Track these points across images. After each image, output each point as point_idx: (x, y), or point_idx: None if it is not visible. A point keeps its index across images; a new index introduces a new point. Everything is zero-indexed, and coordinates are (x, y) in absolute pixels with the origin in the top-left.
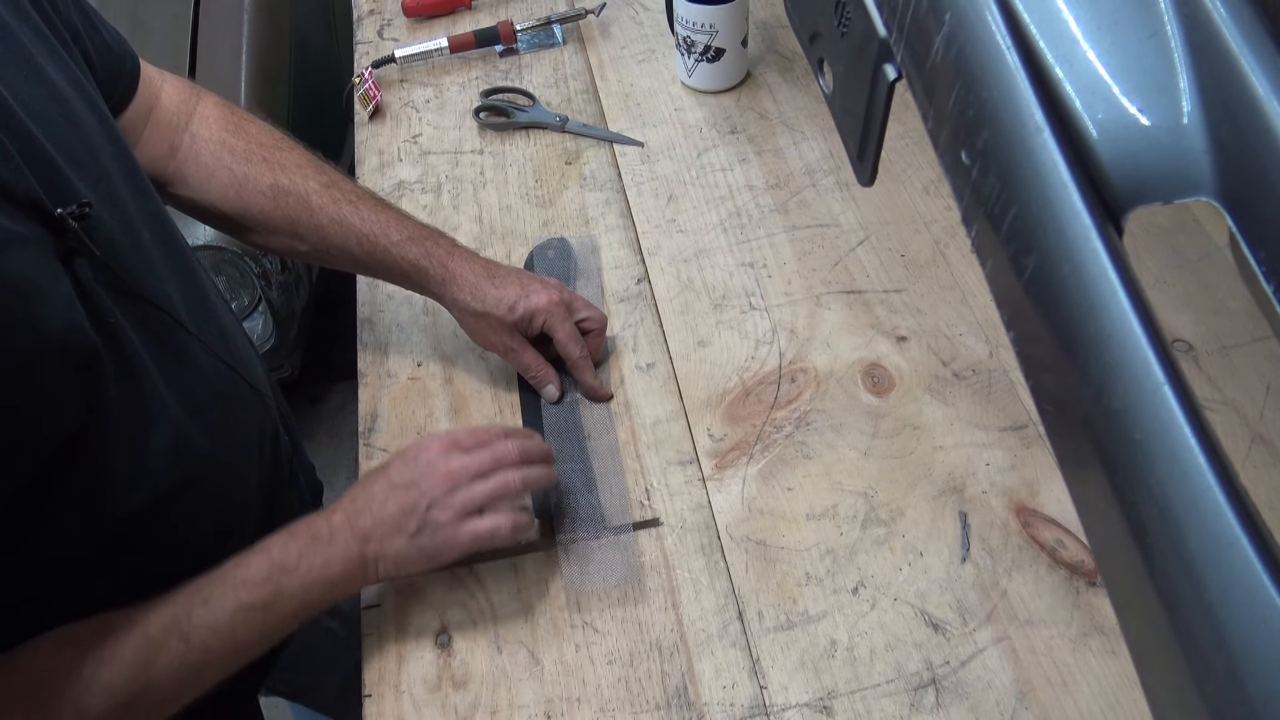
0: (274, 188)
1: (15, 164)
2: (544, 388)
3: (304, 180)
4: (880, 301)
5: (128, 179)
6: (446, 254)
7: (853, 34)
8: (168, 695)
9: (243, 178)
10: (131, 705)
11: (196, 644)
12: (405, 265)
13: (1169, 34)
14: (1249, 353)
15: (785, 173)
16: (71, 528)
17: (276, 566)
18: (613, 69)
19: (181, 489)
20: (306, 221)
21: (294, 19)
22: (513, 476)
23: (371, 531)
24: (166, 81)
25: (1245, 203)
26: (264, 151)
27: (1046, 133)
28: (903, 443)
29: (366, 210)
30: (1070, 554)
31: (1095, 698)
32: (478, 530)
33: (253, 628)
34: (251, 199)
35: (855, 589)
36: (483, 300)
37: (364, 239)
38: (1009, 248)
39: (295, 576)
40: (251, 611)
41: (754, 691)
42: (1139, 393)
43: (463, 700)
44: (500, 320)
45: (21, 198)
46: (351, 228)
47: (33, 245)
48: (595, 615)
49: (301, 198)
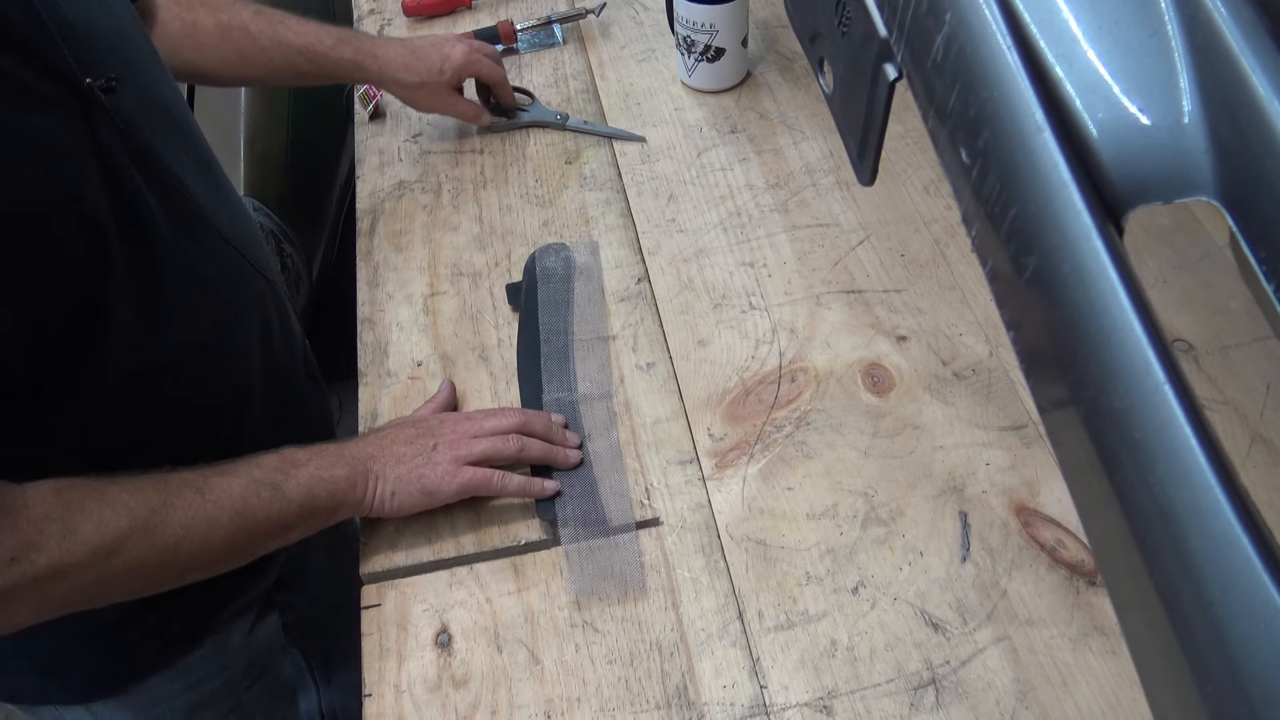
0: (218, 26)
1: (49, 34)
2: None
3: (238, 13)
4: (880, 301)
5: (151, 63)
6: (373, 45)
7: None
8: (181, 536)
9: (190, 25)
10: (147, 530)
11: (211, 500)
12: (346, 65)
13: (1169, 33)
14: (1249, 352)
15: (785, 172)
16: (73, 380)
17: (287, 459)
18: (613, 69)
19: (182, 353)
20: (251, 49)
21: None
22: (511, 440)
23: (377, 454)
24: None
25: (1246, 202)
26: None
27: (1047, 132)
28: (903, 442)
29: (296, 24)
30: (1070, 554)
31: (1095, 697)
32: (474, 475)
33: (262, 502)
34: (204, 41)
35: (855, 589)
36: (416, 72)
37: (304, 50)
38: (1009, 247)
39: (304, 470)
40: (261, 487)
41: (754, 691)
42: (1139, 392)
43: (463, 700)
44: (435, 84)
45: (53, 65)
46: (290, 44)
47: (58, 108)
48: (595, 615)
49: (243, 28)
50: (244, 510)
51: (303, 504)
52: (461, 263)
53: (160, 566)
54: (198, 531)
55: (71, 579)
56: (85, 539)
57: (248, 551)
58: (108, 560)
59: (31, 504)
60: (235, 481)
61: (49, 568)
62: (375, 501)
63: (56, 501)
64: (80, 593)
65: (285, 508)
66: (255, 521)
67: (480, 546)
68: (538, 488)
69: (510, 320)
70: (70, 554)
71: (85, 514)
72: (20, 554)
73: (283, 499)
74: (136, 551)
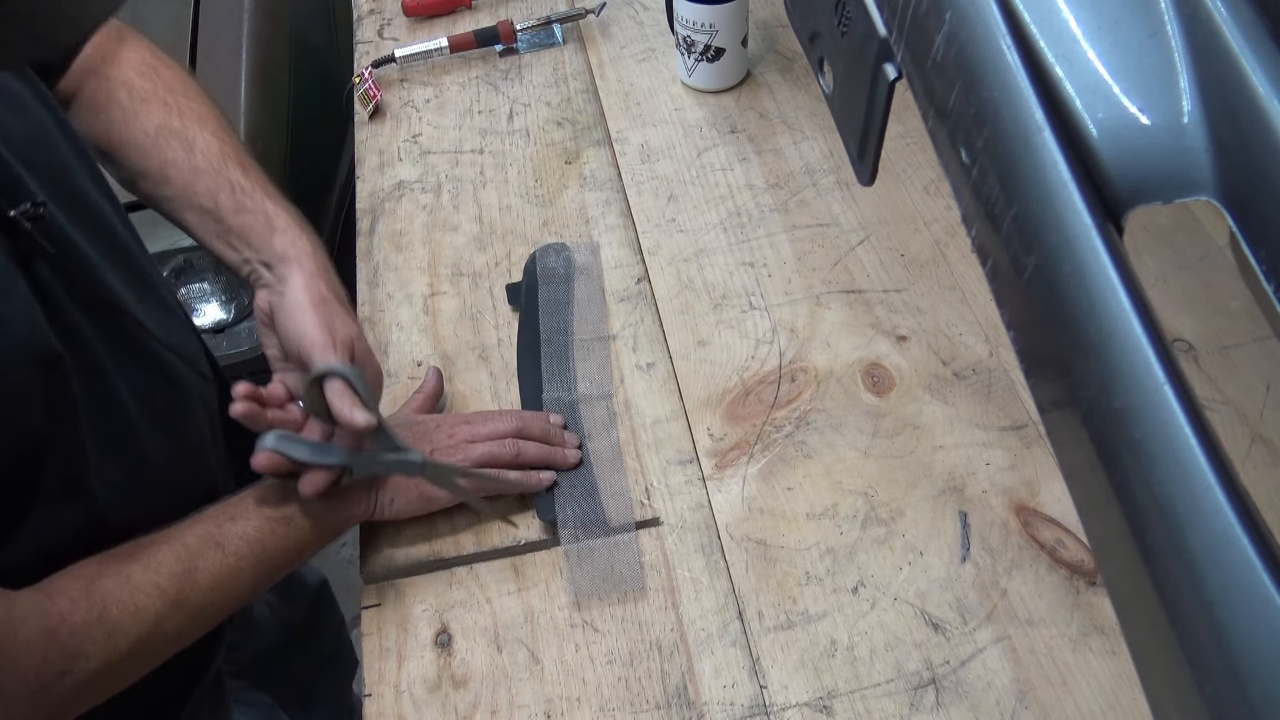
0: (160, 128)
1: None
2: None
3: (199, 129)
4: (880, 301)
5: (72, 162)
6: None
7: (853, 33)
8: (211, 600)
9: (132, 115)
10: (181, 604)
11: (232, 551)
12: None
13: (1169, 33)
14: (1249, 352)
15: (785, 172)
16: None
17: (289, 487)
18: (613, 68)
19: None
20: (184, 163)
21: (294, 19)
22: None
23: None
24: None
25: (1245, 202)
26: (167, 95)
27: (1047, 132)
28: (903, 442)
29: (254, 173)
30: (1070, 554)
31: (1095, 697)
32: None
33: (279, 539)
34: (133, 136)
35: (855, 588)
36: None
37: (238, 189)
38: (1009, 247)
39: None
40: (276, 524)
41: (754, 691)
42: (1139, 392)
43: (463, 700)
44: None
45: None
46: (229, 176)
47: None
48: (595, 615)
49: (186, 140)
50: (263, 553)
51: (314, 527)
52: (461, 263)
53: (196, 628)
54: (226, 587)
55: (121, 669)
56: (127, 633)
57: (269, 584)
58: (150, 643)
59: (67, 613)
60: (250, 526)
61: (99, 669)
62: (375, 508)
63: (90, 605)
64: (129, 676)
65: (300, 536)
66: (275, 560)
67: (480, 546)
68: (535, 480)
69: (510, 320)
70: (116, 651)
71: (121, 608)
72: (70, 665)
73: (297, 530)
74: (174, 625)
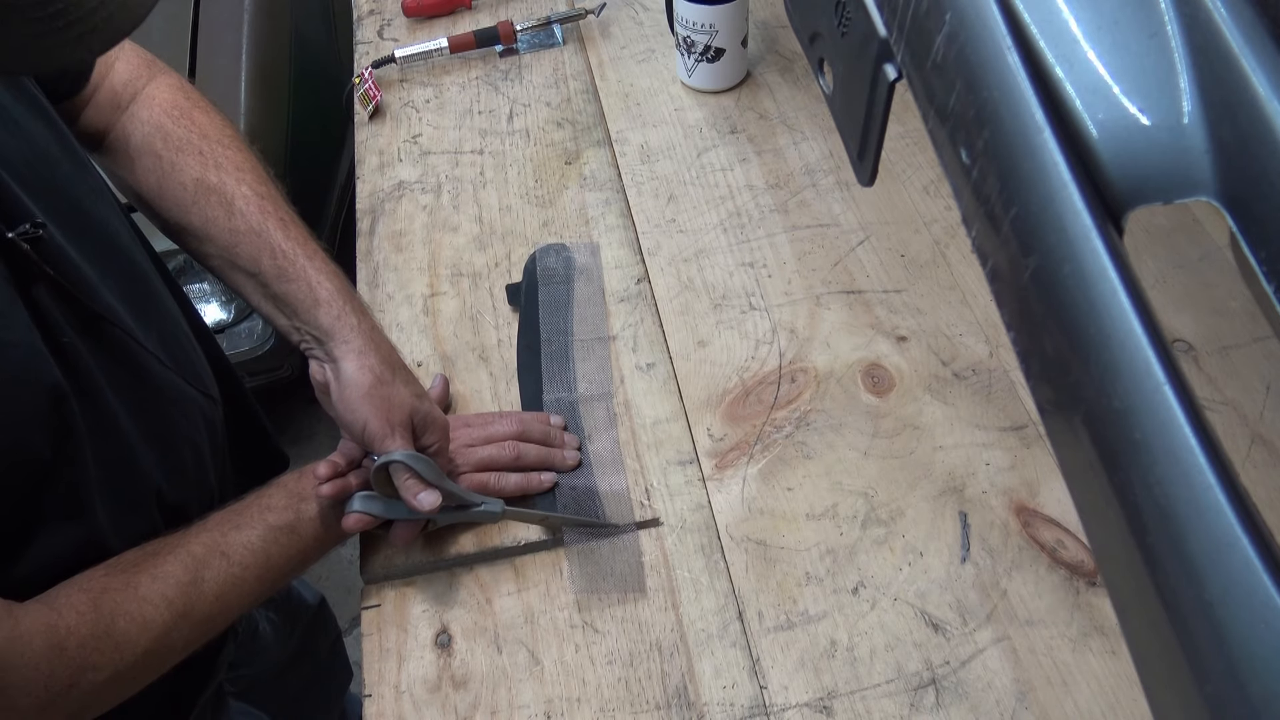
0: (198, 183)
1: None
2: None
3: (236, 184)
4: (880, 301)
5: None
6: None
7: (853, 34)
8: (216, 610)
9: (169, 166)
10: (187, 614)
11: (236, 560)
12: (319, 291)
13: (1169, 34)
14: (1249, 353)
15: (785, 173)
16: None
17: (293, 494)
18: (613, 69)
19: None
20: (223, 224)
21: (294, 19)
22: (508, 447)
23: None
24: (120, 58)
25: (1245, 202)
26: (202, 143)
27: (1047, 132)
28: (903, 443)
29: (295, 232)
30: (1070, 554)
31: (1095, 698)
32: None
33: (282, 549)
34: (170, 190)
35: (855, 589)
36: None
37: (280, 253)
38: (1009, 248)
39: (311, 503)
40: (279, 533)
41: (754, 691)
42: (1139, 392)
43: (463, 700)
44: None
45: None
46: (266, 240)
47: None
48: (595, 615)
49: (225, 198)
50: (268, 563)
51: (317, 535)
52: (461, 263)
53: (201, 637)
54: (231, 598)
55: (128, 680)
56: (135, 644)
57: (271, 593)
58: (157, 653)
59: (74, 627)
60: (254, 535)
61: (107, 680)
62: None
63: (96, 617)
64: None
65: (304, 544)
66: (278, 569)
67: (480, 546)
68: (535, 482)
69: (510, 321)
70: (124, 662)
71: (129, 619)
72: (77, 678)
73: (300, 538)
74: (180, 635)
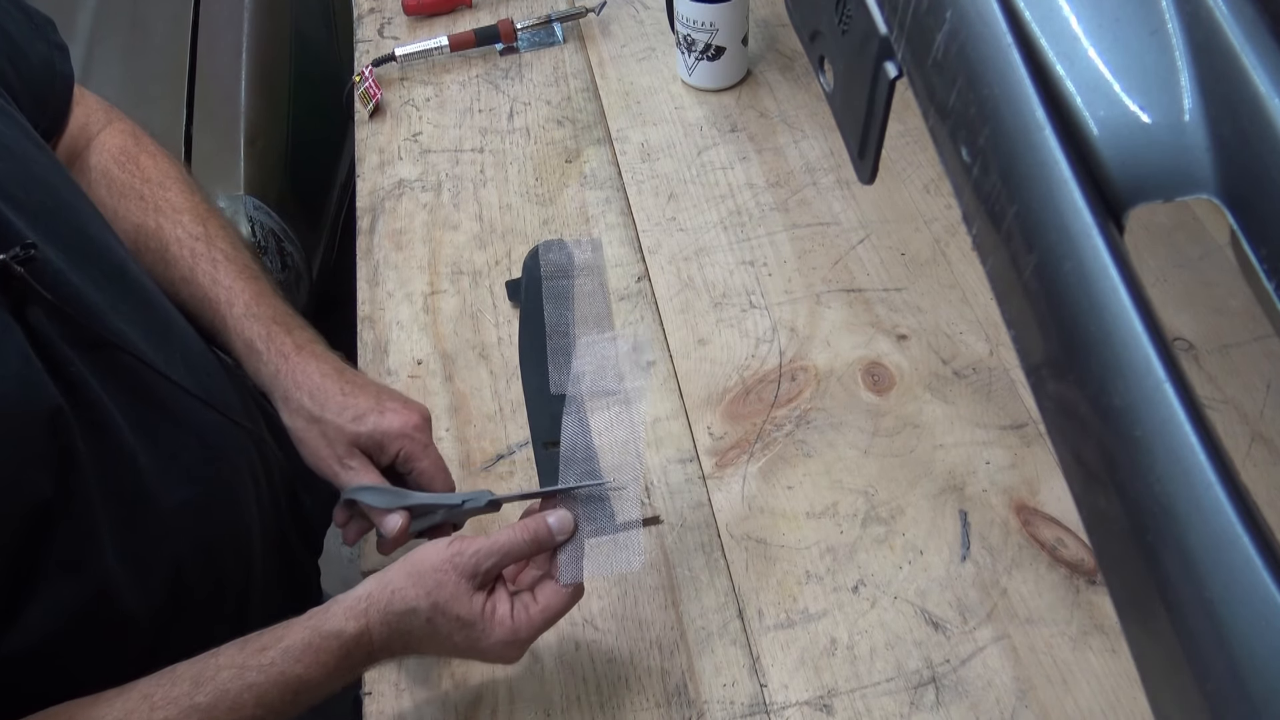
0: (138, 229)
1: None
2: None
3: (172, 227)
4: (881, 300)
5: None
6: (294, 346)
7: (853, 32)
8: None
9: (112, 214)
10: None
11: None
12: (238, 342)
13: (1170, 31)
14: (1250, 351)
15: (785, 171)
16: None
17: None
18: (613, 67)
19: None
20: (161, 274)
21: (294, 19)
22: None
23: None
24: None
25: (1246, 200)
26: (145, 188)
27: (1048, 130)
28: (903, 441)
29: (223, 274)
30: (1070, 552)
31: (1095, 696)
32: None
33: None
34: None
35: (855, 587)
36: (323, 404)
37: (206, 303)
38: (1010, 246)
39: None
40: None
41: (754, 689)
42: (1140, 390)
43: (463, 700)
44: (340, 429)
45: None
46: (197, 288)
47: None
48: (595, 614)
49: (160, 246)
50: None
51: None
52: (461, 261)
53: None
54: None
55: None
56: None
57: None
58: None
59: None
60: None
61: None
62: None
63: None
64: None
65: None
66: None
67: None
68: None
69: (510, 318)
70: None
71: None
72: None
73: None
74: None
